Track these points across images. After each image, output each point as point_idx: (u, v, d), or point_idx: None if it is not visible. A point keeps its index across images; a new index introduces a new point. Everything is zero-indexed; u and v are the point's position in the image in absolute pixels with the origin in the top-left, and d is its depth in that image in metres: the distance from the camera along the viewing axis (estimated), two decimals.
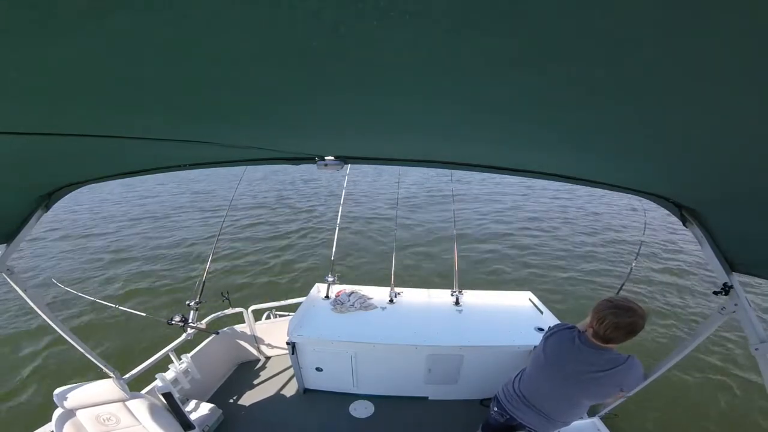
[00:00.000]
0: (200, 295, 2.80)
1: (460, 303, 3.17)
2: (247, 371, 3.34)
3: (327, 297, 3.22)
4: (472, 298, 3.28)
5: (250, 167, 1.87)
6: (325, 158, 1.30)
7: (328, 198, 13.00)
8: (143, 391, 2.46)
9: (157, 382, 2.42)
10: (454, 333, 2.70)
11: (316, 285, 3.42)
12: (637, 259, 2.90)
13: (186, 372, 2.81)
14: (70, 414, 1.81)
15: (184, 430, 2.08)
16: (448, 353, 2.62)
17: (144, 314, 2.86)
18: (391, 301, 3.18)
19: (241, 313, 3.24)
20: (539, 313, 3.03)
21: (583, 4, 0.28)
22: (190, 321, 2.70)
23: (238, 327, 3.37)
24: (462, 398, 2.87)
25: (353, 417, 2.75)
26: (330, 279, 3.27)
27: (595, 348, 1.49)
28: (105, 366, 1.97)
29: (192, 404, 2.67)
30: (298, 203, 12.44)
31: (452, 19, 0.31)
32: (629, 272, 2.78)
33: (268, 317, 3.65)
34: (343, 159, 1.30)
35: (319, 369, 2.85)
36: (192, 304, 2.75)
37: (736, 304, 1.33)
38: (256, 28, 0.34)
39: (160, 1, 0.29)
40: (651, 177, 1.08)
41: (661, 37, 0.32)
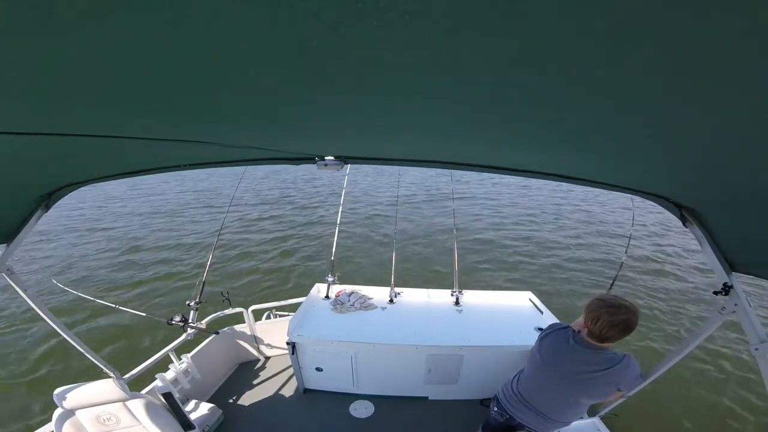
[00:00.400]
0: (200, 295, 2.80)
1: (460, 303, 3.17)
2: (247, 371, 3.34)
3: (327, 297, 3.22)
4: (472, 298, 3.28)
5: (251, 167, 1.87)
6: (325, 158, 1.30)
7: (329, 196, 13.02)
8: (143, 391, 2.46)
9: (157, 382, 2.42)
10: (454, 333, 2.70)
11: (316, 285, 3.42)
12: (627, 254, 2.91)
13: (186, 372, 2.81)
14: (70, 414, 1.81)
15: (184, 430, 2.08)
16: (448, 353, 2.62)
17: (144, 314, 2.86)
18: (391, 301, 3.18)
19: (241, 313, 3.24)
20: (539, 313, 3.03)
21: (583, 4, 0.28)
22: (190, 321, 2.70)
23: (238, 327, 3.37)
24: (462, 398, 2.87)
25: (353, 417, 2.75)
26: (330, 279, 3.27)
27: (591, 348, 1.49)
28: (105, 366, 1.97)
29: (192, 404, 2.67)
30: (299, 202, 12.44)
31: (452, 19, 0.31)
32: (620, 267, 2.79)
33: (268, 317, 3.65)
34: (343, 159, 1.30)
35: (319, 369, 2.85)
36: (192, 304, 2.75)
37: (736, 304, 1.33)
38: (256, 28, 0.34)
39: (160, 1, 0.29)
40: (651, 177, 1.08)
41: (661, 37, 0.32)
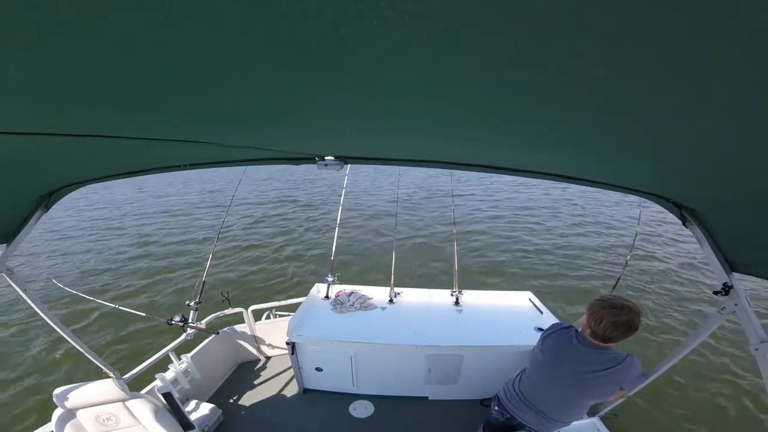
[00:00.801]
0: (200, 295, 2.80)
1: (460, 303, 3.17)
2: (247, 371, 3.34)
3: (327, 297, 3.22)
4: (472, 298, 3.28)
5: (253, 167, 1.87)
6: (325, 158, 1.30)
7: (330, 196, 13.03)
8: (143, 391, 2.46)
9: (157, 382, 2.42)
10: (454, 333, 2.70)
11: (316, 285, 3.42)
12: (631, 252, 2.89)
13: (186, 372, 2.81)
14: (70, 414, 1.81)
15: (184, 430, 2.08)
16: (448, 353, 2.62)
17: (144, 314, 2.86)
18: (391, 301, 3.18)
19: (241, 313, 3.24)
20: (539, 313, 3.03)
21: (583, 4, 0.28)
22: (190, 321, 2.70)
23: (238, 327, 3.37)
24: (462, 398, 2.87)
25: (353, 417, 2.75)
26: (330, 279, 3.27)
27: (594, 347, 1.49)
28: (105, 366, 1.97)
29: (192, 404, 2.67)
30: (300, 203, 12.45)
31: (452, 19, 0.31)
32: (624, 265, 2.78)
33: (268, 317, 3.65)
34: (343, 159, 1.30)
35: (319, 369, 2.85)
36: (192, 304, 2.75)
37: (736, 304, 1.33)
38: (256, 28, 0.34)
39: (160, 1, 0.29)
40: (651, 177, 1.08)
41: (662, 36, 0.32)
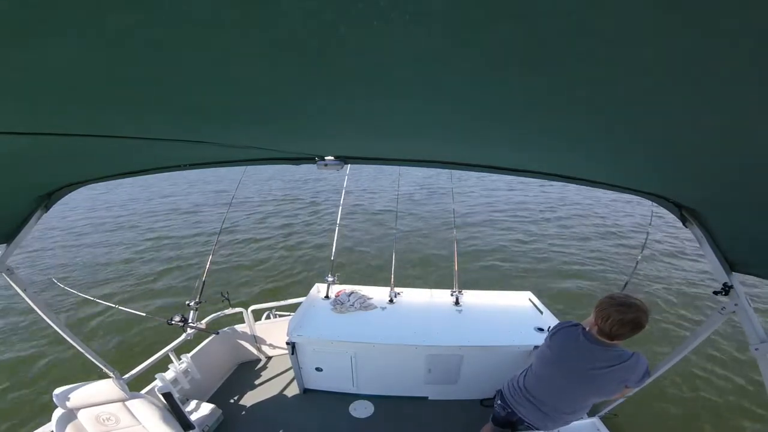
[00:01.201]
0: (200, 295, 2.80)
1: (460, 303, 3.17)
2: (247, 371, 3.34)
3: (327, 297, 3.22)
4: (471, 298, 3.28)
5: (255, 167, 1.87)
6: (325, 158, 1.30)
7: (331, 194, 13.04)
8: (143, 391, 2.46)
9: (157, 382, 2.42)
10: (453, 333, 2.70)
11: (316, 285, 3.42)
12: (642, 253, 2.84)
13: (186, 372, 2.81)
14: (70, 414, 1.80)
15: (184, 430, 2.08)
16: (448, 353, 2.62)
17: (144, 314, 2.86)
18: (391, 301, 3.18)
19: (241, 313, 3.24)
20: (539, 313, 3.03)
21: (583, 4, 0.28)
22: (190, 321, 2.70)
23: (238, 327, 3.37)
24: (462, 398, 2.87)
25: (353, 417, 2.75)
26: (330, 279, 3.27)
27: (602, 345, 1.51)
28: (105, 366, 1.97)
29: (192, 404, 2.67)
30: (300, 202, 12.45)
31: (452, 19, 0.31)
32: (635, 266, 2.73)
33: (268, 317, 3.65)
34: (343, 159, 1.30)
35: (319, 369, 2.85)
36: (192, 304, 2.75)
37: (736, 304, 1.33)
38: (256, 28, 0.34)
39: (160, 1, 0.29)
40: (651, 177, 1.08)
41: (662, 37, 0.32)
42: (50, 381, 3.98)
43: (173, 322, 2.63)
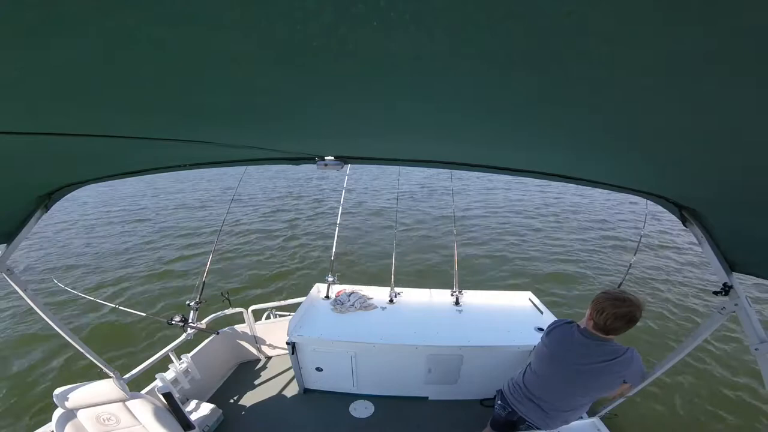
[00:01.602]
0: (200, 295, 2.80)
1: (460, 303, 3.17)
2: (247, 371, 3.34)
3: (327, 297, 3.22)
4: (472, 298, 3.28)
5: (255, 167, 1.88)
6: (325, 158, 1.30)
7: (332, 193, 13.04)
8: (143, 391, 2.46)
9: (157, 382, 2.42)
10: (454, 333, 2.70)
11: (316, 285, 3.42)
12: (635, 255, 2.90)
13: (186, 372, 2.81)
14: (70, 414, 1.80)
15: (184, 430, 2.08)
16: (448, 353, 2.62)
17: (144, 314, 2.86)
18: (391, 301, 3.18)
19: (241, 313, 3.24)
20: (539, 313, 3.03)
21: (583, 3, 0.28)
22: (190, 321, 2.70)
23: (238, 327, 3.37)
24: (462, 398, 2.87)
25: (353, 417, 2.75)
26: (330, 279, 3.27)
27: (597, 340, 1.54)
28: (105, 366, 1.97)
29: (192, 404, 2.67)
30: (301, 201, 12.45)
31: (452, 19, 0.31)
32: (627, 268, 2.80)
33: (268, 317, 3.65)
34: (343, 159, 1.30)
35: (319, 369, 2.85)
36: (192, 304, 2.75)
37: (736, 304, 1.33)
38: (256, 29, 0.34)
39: (160, 1, 0.29)
40: (651, 177, 1.08)
41: (663, 36, 0.32)
42: (50, 381, 3.98)
43: (173, 322, 2.63)
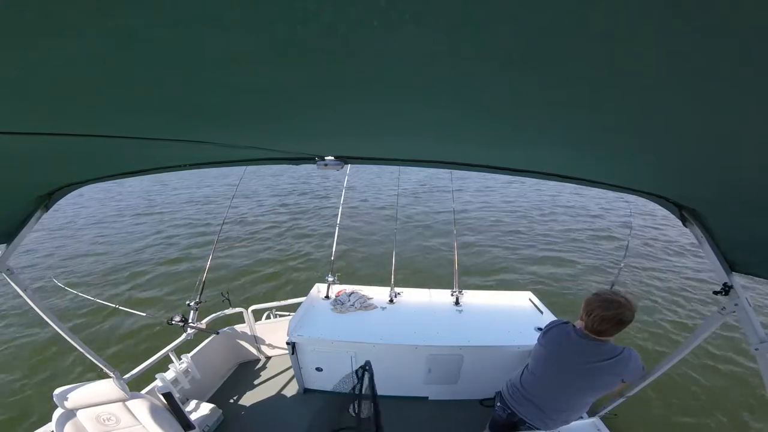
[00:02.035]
0: (200, 295, 2.80)
1: (460, 303, 3.17)
2: (247, 371, 3.34)
3: (327, 297, 3.22)
4: (472, 298, 3.28)
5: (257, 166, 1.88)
6: (325, 158, 1.29)
7: (332, 191, 13.04)
8: (143, 391, 2.46)
9: (157, 382, 2.42)
10: (454, 333, 2.70)
11: (316, 285, 3.42)
12: (624, 258, 2.98)
13: (186, 372, 2.81)
14: (70, 414, 1.80)
15: (184, 430, 2.08)
16: (448, 353, 2.62)
17: (144, 314, 2.87)
18: (391, 301, 3.18)
19: (241, 313, 3.24)
20: (539, 313, 3.03)
21: (583, 3, 0.28)
22: (190, 321, 2.70)
23: (238, 327, 3.37)
24: (462, 398, 2.87)
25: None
26: (330, 279, 3.27)
27: (591, 340, 1.54)
28: (105, 366, 1.97)
29: (192, 404, 2.67)
30: (301, 201, 12.45)
31: (452, 19, 0.31)
32: (618, 272, 2.87)
33: (268, 317, 3.65)
34: (342, 159, 1.30)
35: (319, 369, 2.85)
36: (192, 304, 2.75)
37: (736, 304, 1.33)
38: (256, 28, 0.34)
39: (160, 1, 0.29)
40: (651, 177, 1.08)
41: (662, 36, 0.32)
42: (50, 381, 3.98)
43: (173, 322, 2.63)
